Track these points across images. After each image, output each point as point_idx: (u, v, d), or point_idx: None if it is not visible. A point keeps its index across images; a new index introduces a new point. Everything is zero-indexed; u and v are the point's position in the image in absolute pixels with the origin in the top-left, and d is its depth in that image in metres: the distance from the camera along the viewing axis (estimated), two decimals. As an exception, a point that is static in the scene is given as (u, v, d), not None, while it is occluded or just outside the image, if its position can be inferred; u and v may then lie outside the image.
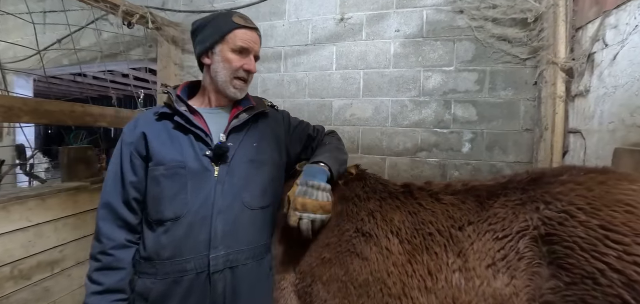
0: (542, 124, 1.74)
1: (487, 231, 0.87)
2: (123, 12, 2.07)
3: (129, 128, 1.08)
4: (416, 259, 0.92)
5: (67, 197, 1.77)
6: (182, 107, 1.07)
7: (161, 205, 0.99)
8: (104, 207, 1.02)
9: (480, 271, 0.84)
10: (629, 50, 1.24)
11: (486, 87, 1.91)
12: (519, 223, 0.84)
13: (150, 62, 2.71)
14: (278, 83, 2.31)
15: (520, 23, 1.78)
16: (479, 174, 1.93)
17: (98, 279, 0.98)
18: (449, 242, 0.90)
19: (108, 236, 1.00)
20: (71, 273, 1.80)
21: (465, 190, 0.98)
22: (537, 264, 0.80)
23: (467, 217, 0.91)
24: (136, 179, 1.02)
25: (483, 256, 0.85)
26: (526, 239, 0.82)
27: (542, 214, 0.82)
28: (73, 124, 1.94)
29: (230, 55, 1.07)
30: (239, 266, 1.01)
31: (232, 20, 1.08)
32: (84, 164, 2.03)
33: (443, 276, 0.87)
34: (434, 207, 0.98)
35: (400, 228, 0.98)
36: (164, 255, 0.98)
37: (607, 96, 1.36)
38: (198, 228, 0.98)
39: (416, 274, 0.90)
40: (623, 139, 1.25)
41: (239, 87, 1.11)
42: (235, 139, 1.08)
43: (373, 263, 0.96)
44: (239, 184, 1.04)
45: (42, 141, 8.51)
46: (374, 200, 1.07)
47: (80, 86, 4.86)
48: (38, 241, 1.62)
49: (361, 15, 2.11)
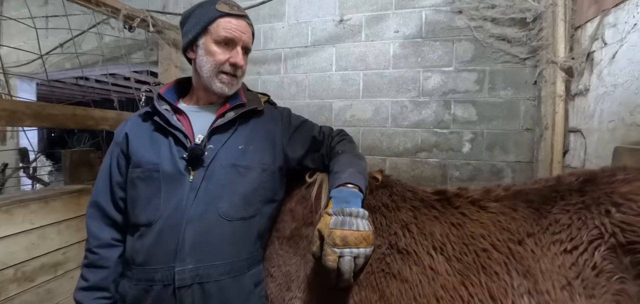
0: (542, 123, 1.74)
1: (551, 243, 0.74)
2: (124, 16, 2.09)
3: (119, 128, 1.05)
4: (471, 280, 0.77)
5: (69, 200, 1.78)
6: (163, 106, 1.00)
7: (136, 209, 0.95)
8: (92, 206, 1.01)
9: (555, 295, 0.70)
10: (628, 49, 1.24)
11: (485, 87, 1.91)
12: (588, 230, 0.72)
13: (151, 65, 2.73)
14: (278, 85, 2.32)
15: (519, 22, 1.78)
16: (479, 174, 1.94)
17: (85, 275, 0.98)
18: (509, 259, 0.75)
19: (94, 234, 0.99)
20: (74, 274, 1.81)
21: (512, 195, 0.85)
22: (619, 280, 0.67)
23: (525, 228, 0.77)
24: (121, 180, 1.00)
25: (554, 275, 0.71)
26: (602, 249, 0.69)
27: (615, 218, 0.70)
28: (75, 127, 1.96)
29: (214, 48, 0.97)
30: (210, 282, 0.90)
31: (215, 8, 0.97)
32: (86, 166, 2.04)
33: (509, 301, 0.72)
34: (481, 217, 0.83)
35: (445, 242, 0.83)
36: (137, 260, 0.93)
37: (607, 94, 1.36)
38: (167, 236, 0.90)
39: (474, 298, 0.75)
40: (623, 137, 1.25)
41: (226, 81, 1.00)
42: (217, 140, 0.97)
43: (415, 286, 0.81)
44: (215, 191, 0.93)
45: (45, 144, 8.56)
46: (405, 209, 0.93)
47: (82, 89, 4.90)
48: (41, 243, 1.63)
49: (360, 16, 2.12)
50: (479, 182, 1.91)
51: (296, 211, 1.07)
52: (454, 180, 1.98)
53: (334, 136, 1.14)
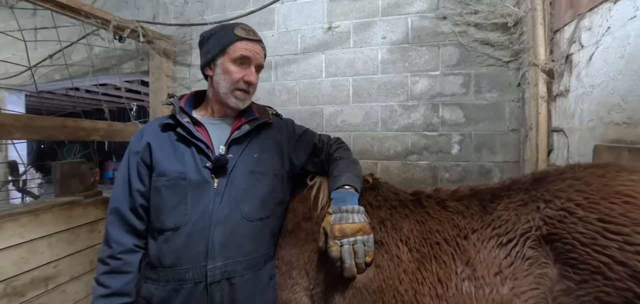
0: (527, 124, 1.79)
1: (490, 237, 0.88)
2: (114, 27, 2.10)
3: (136, 137, 1.11)
4: (425, 266, 0.93)
5: (60, 212, 1.77)
6: (185, 118, 1.08)
7: (162, 214, 1.02)
8: (112, 213, 1.05)
9: (489, 279, 0.84)
10: (603, 51, 1.30)
11: (472, 90, 1.96)
12: (521, 225, 0.84)
13: (142, 75, 2.73)
14: (269, 92, 2.34)
15: (501, 27, 1.84)
16: (468, 175, 1.97)
17: (105, 282, 1.01)
18: (456, 251, 0.91)
19: (116, 241, 1.03)
20: (66, 288, 1.79)
21: (471, 194, 0.99)
22: (543, 264, 0.79)
23: (471, 225, 0.93)
24: (143, 187, 1.05)
25: (490, 264, 0.85)
26: (530, 240, 0.82)
27: (543, 213, 0.82)
28: (65, 138, 1.95)
29: (230, 67, 1.09)
30: (236, 277, 1.02)
31: (234, 33, 1.09)
32: (77, 178, 2.03)
33: (453, 283, 0.88)
34: (441, 215, 1.00)
35: (409, 236, 1.00)
36: (165, 263, 1.01)
37: (585, 94, 1.41)
38: (196, 238, 1.00)
39: (426, 281, 0.92)
40: (602, 135, 1.30)
41: (241, 97, 1.12)
42: (235, 150, 1.09)
43: (385, 270, 0.97)
44: (238, 195, 1.05)
45: (35, 156, 8.43)
46: (385, 208, 1.09)
47: (72, 100, 4.86)
48: (31, 257, 1.61)
49: (348, 23, 2.16)
50: (469, 182, 1.94)
51: (297, 208, 1.21)
52: (444, 181, 2.01)
53: (332, 143, 1.29)
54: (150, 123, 1.16)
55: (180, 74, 2.57)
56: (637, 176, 0.76)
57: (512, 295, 0.80)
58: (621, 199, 0.73)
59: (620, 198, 0.73)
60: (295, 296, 1.08)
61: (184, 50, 2.54)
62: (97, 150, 8.75)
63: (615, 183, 0.76)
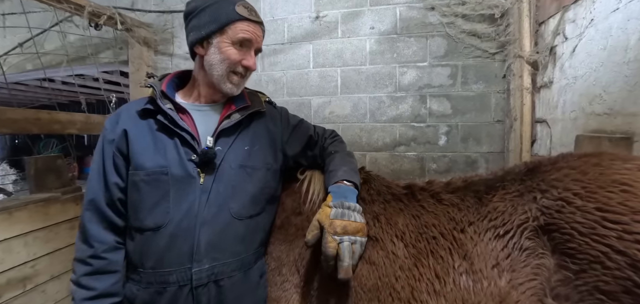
0: (512, 115, 1.82)
1: (487, 230, 0.86)
2: (89, 13, 1.99)
3: (110, 123, 0.98)
4: (422, 262, 0.91)
5: (35, 210, 1.69)
6: (167, 104, 0.96)
7: (140, 213, 0.93)
8: (89, 208, 0.95)
9: (487, 272, 0.83)
10: (586, 43, 1.32)
11: (459, 81, 1.97)
12: (518, 216, 0.83)
13: (121, 65, 2.61)
14: (255, 83, 2.29)
15: (488, 18, 1.85)
16: (455, 166, 2.00)
17: (89, 284, 0.92)
18: (453, 245, 0.89)
19: (98, 239, 0.93)
20: (45, 288, 1.73)
21: (465, 186, 0.97)
22: (540, 255, 0.78)
23: (467, 218, 0.91)
24: (120, 181, 0.95)
25: (487, 257, 0.84)
26: (527, 231, 0.81)
27: (540, 203, 0.81)
28: (39, 132, 1.85)
29: (229, 49, 0.96)
30: (224, 279, 0.94)
31: (234, 10, 0.95)
32: (53, 173, 1.93)
33: (450, 278, 0.86)
34: (436, 209, 0.97)
35: (404, 231, 0.97)
36: (146, 264, 0.93)
37: (568, 86, 1.44)
38: (180, 239, 0.91)
39: (423, 277, 0.89)
40: (583, 126, 1.33)
41: (236, 82, 1.00)
42: (224, 142, 0.98)
43: (380, 268, 0.94)
44: (226, 192, 0.96)
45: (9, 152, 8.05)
46: (378, 203, 1.05)
47: (47, 91, 4.62)
48: (6, 257, 1.54)
49: (336, 12, 2.12)
50: (455, 173, 1.98)
51: (286, 203, 1.15)
52: (431, 172, 2.04)
53: (327, 136, 1.21)
54: (127, 106, 1.02)
55: (162, 64, 2.47)
56: (632, 164, 0.76)
57: (510, 287, 0.79)
58: (619, 187, 0.72)
59: (618, 187, 0.72)
60: (286, 294, 1.03)
61: (165, 39, 2.43)
62: (77, 144, 8.43)
63: (611, 172, 0.76)
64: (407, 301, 0.88)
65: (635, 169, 0.75)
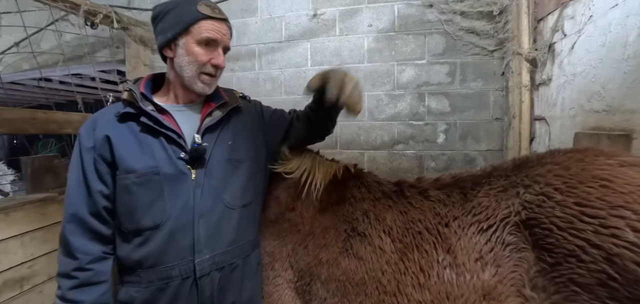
0: (510, 113, 1.82)
1: (471, 224, 0.89)
2: (85, 12, 1.97)
3: (86, 130, 0.96)
4: (407, 256, 0.94)
5: (32, 210, 1.68)
6: (148, 106, 0.98)
7: (136, 214, 0.93)
8: (71, 221, 0.93)
9: (469, 266, 0.85)
10: (585, 40, 1.31)
11: (457, 79, 1.96)
12: (501, 210, 0.85)
13: (118, 64, 2.59)
14: (253, 81, 2.27)
15: (487, 16, 1.84)
16: (453, 164, 2.00)
17: (75, 298, 0.90)
18: (437, 239, 0.92)
19: (82, 250, 0.91)
20: (43, 289, 1.72)
21: (452, 182, 1.00)
22: (521, 249, 0.81)
23: (452, 213, 0.93)
24: (105, 189, 0.94)
25: (470, 251, 0.86)
26: (509, 226, 0.83)
27: (522, 198, 0.83)
28: (36, 132, 1.84)
29: (196, 49, 0.97)
30: (225, 267, 1.00)
31: (197, 9, 0.96)
32: (50, 173, 1.93)
33: (434, 272, 0.89)
34: (422, 205, 1.00)
35: (392, 227, 1.00)
36: (146, 264, 0.94)
37: (567, 83, 1.43)
38: (180, 234, 0.94)
39: (408, 271, 0.92)
40: (582, 123, 1.33)
41: (208, 82, 1.02)
42: (209, 138, 1.02)
43: (368, 262, 0.97)
44: (218, 185, 1.01)
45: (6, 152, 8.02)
46: (369, 200, 1.08)
47: (45, 91, 4.60)
48: (3, 258, 1.53)
49: (334, 10, 2.11)
50: (454, 171, 1.97)
51: (281, 197, 1.19)
52: (430, 170, 2.03)
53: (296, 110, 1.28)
54: (102, 112, 1.01)
55: (160, 63, 2.44)
56: (614, 160, 0.77)
57: (494, 281, 0.81)
58: (598, 183, 0.73)
59: (598, 182, 0.73)
60: (277, 289, 1.07)
61: (162, 37, 2.41)
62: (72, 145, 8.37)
63: (592, 167, 0.77)
64: (393, 294, 0.92)
65: (616, 165, 0.75)
